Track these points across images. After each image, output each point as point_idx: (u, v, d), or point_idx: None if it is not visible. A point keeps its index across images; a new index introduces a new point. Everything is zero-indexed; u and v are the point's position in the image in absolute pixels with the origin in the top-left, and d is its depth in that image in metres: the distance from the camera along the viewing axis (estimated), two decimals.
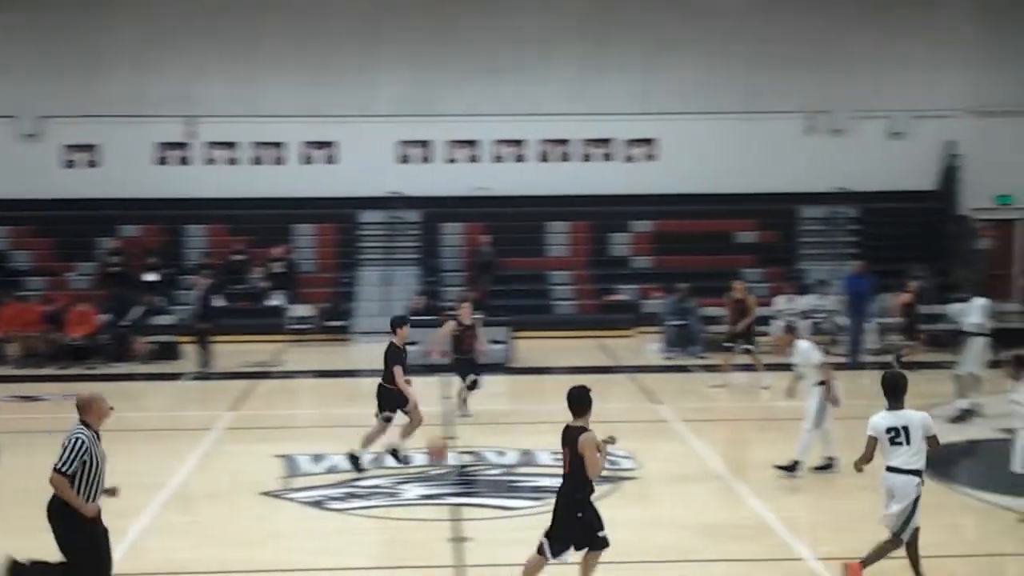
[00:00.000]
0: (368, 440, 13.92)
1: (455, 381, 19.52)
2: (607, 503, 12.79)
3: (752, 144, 27.59)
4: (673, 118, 27.77)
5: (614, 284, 26.20)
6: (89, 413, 8.69)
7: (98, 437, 8.72)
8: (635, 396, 18.83)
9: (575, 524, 9.35)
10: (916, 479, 9.82)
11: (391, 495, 13.04)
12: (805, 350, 13.68)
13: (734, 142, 27.65)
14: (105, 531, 8.80)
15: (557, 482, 13.46)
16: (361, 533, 11.88)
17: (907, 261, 24.98)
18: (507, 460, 14.60)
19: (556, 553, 9.36)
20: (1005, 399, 12.23)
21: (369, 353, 22.73)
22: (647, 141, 28.14)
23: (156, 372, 21.22)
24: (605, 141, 28.13)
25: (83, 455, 8.44)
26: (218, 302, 23.26)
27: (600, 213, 27.40)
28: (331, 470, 13.98)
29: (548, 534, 9.44)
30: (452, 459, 14.57)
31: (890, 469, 9.92)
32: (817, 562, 10.78)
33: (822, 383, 13.44)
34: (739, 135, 27.70)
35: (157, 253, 25.93)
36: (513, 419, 17.22)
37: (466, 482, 13.62)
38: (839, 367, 19.95)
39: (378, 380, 14.03)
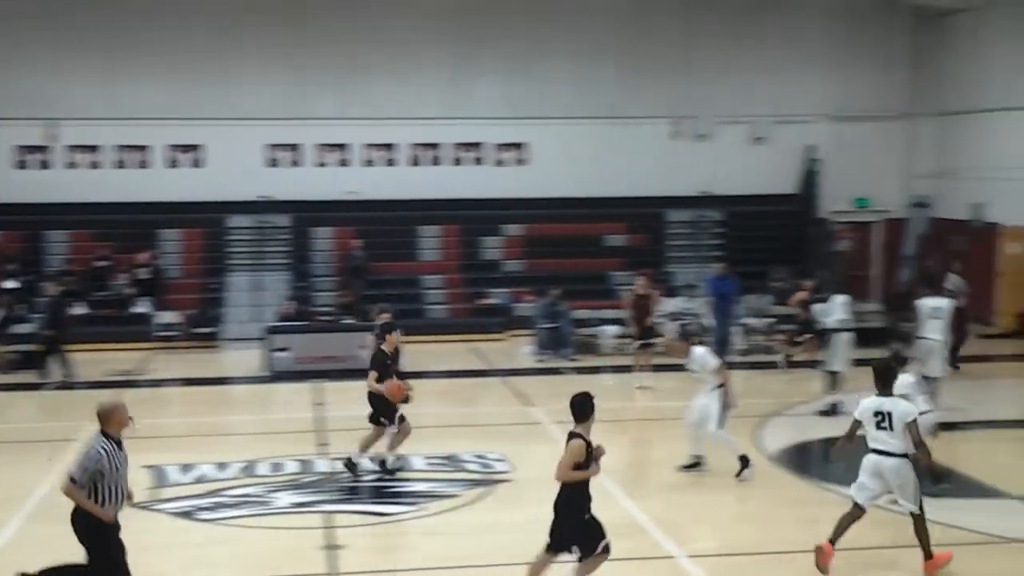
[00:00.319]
0: (365, 445, 13.86)
1: (330, 387, 19.43)
2: (481, 507, 12.90)
3: (620, 149, 27.95)
4: (543, 122, 27.97)
5: (486, 288, 26.27)
6: (110, 423, 8.81)
7: (120, 445, 8.82)
8: (508, 399, 18.94)
9: (581, 525, 9.47)
10: (895, 461, 10.39)
11: (262, 504, 12.90)
12: (701, 355, 13.92)
13: (603, 147, 27.97)
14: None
15: (432, 487, 13.55)
16: (232, 543, 11.72)
17: (770, 263, 25.65)
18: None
19: (556, 551, 9.51)
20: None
21: (239, 360, 22.47)
22: (517, 145, 28.29)
23: (17, 383, 20.58)
24: (475, 145, 28.22)
25: (97, 466, 8.56)
26: (75, 310, 22.68)
27: (471, 217, 27.48)
28: (200, 480, 13.77)
29: (551, 542, 9.56)
30: (324, 466, 14.48)
31: (878, 452, 10.48)
32: (688, 559, 11.00)
33: (720, 386, 13.72)
34: (607, 140, 28.03)
35: (16, 260, 25.15)
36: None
37: (339, 489, 13.54)
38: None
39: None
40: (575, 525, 9.47)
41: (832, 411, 17.14)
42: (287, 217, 27.00)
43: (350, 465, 13.80)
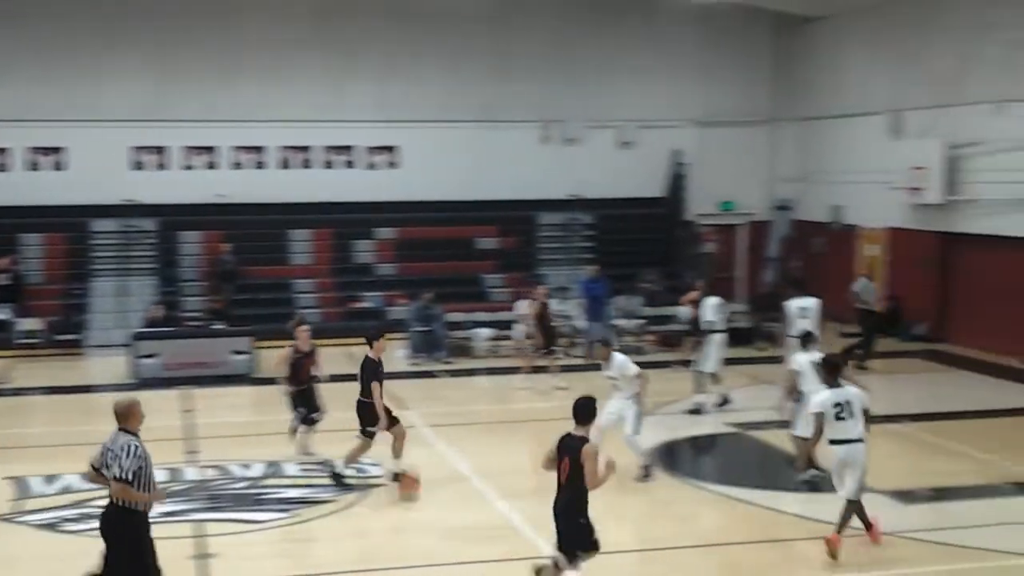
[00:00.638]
0: (351, 457, 13.60)
1: (199, 393, 19.12)
2: (355, 512, 12.85)
3: (492, 152, 28.09)
4: (414, 126, 27.95)
5: (358, 291, 26.12)
6: (130, 419, 8.90)
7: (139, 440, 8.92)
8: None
9: (580, 529, 9.37)
10: (863, 445, 10.90)
11: None
12: (622, 362, 14.00)
13: (474, 150, 28.07)
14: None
15: (304, 493, 13.45)
16: (99, 555, 11.46)
17: (639, 265, 26.03)
18: (252, 473, 14.39)
19: (573, 562, 9.36)
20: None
21: (104, 367, 21.94)
22: (389, 148, 28.22)
23: None
24: (347, 148, 28.05)
25: (140, 462, 8.70)
26: None
27: (343, 220, 27.29)
28: (65, 490, 13.43)
29: (560, 548, 9.45)
30: (194, 474, 14.27)
31: (837, 442, 10.96)
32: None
33: (637, 393, 13.87)
34: (479, 143, 28.14)
35: None
36: (258, 430, 16.93)
37: (210, 497, 13.35)
38: (579, 368, 20.78)
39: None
40: (578, 527, 9.43)
41: (701, 411, 17.52)
42: (153, 221, 26.44)
43: (335, 477, 13.63)
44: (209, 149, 27.32)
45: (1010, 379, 20.26)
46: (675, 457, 15.54)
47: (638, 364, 14.09)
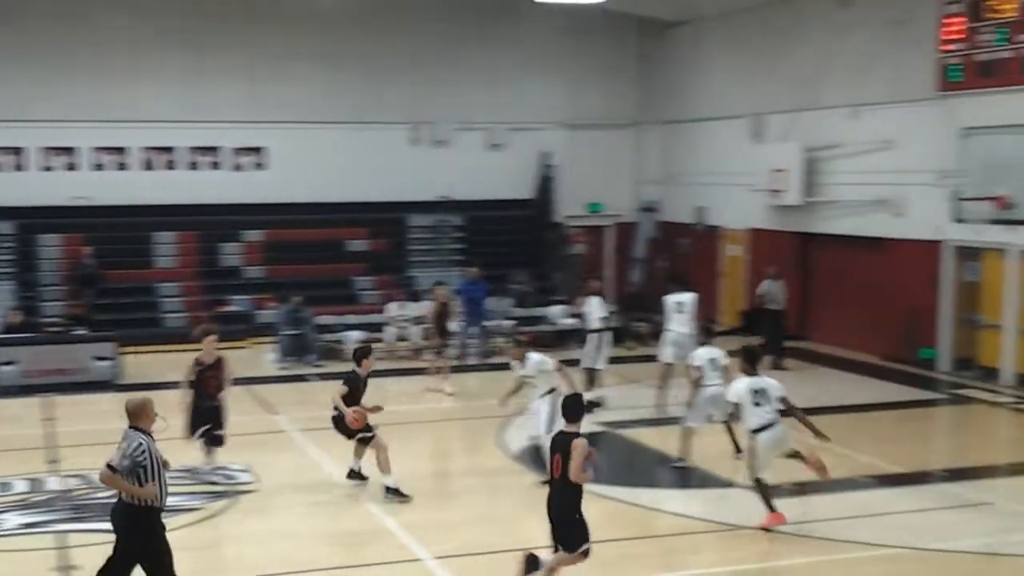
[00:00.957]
0: (384, 465, 13.17)
1: (61, 401, 18.63)
2: (224, 519, 12.68)
3: (361, 154, 27.92)
4: (283, 126, 27.64)
5: (226, 295, 25.72)
6: (142, 418, 8.95)
7: (151, 439, 8.96)
8: (251, 408, 18.62)
9: (575, 524, 9.52)
10: (782, 425, 11.61)
11: None
12: (538, 361, 13.96)
13: (344, 152, 27.87)
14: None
15: (171, 501, 13.16)
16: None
17: (509, 266, 26.18)
18: None
19: (574, 550, 9.54)
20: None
21: None
22: (256, 149, 27.85)
23: None
24: (213, 149, 27.59)
25: (139, 456, 8.70)
26: None
27: (209, 223, 26.81)
28: None
29: (558, 544, 9.62)
30: (56, 484, 13.90)
31: (760, 429, 11.56)
32: (434, 561, 11.16)
33: (551, 391, 13.86)
34: (348, 145, 27.94)
35: None
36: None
37: (73, 507, 13.01)
38: (456, 369, 20.88)
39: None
40: (572, 523, 9.58)
41: (589, 408, 17.66)
42: (11, 224, 25.65)
43: (391, 491, 13.24)
44: (68, 150, 26.61)
45: (867, 375, 20.94)
46: (542, 456, 15.65)
47: (508, 366, 14.20)
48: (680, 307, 17.67)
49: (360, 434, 13.33)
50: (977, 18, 20.04)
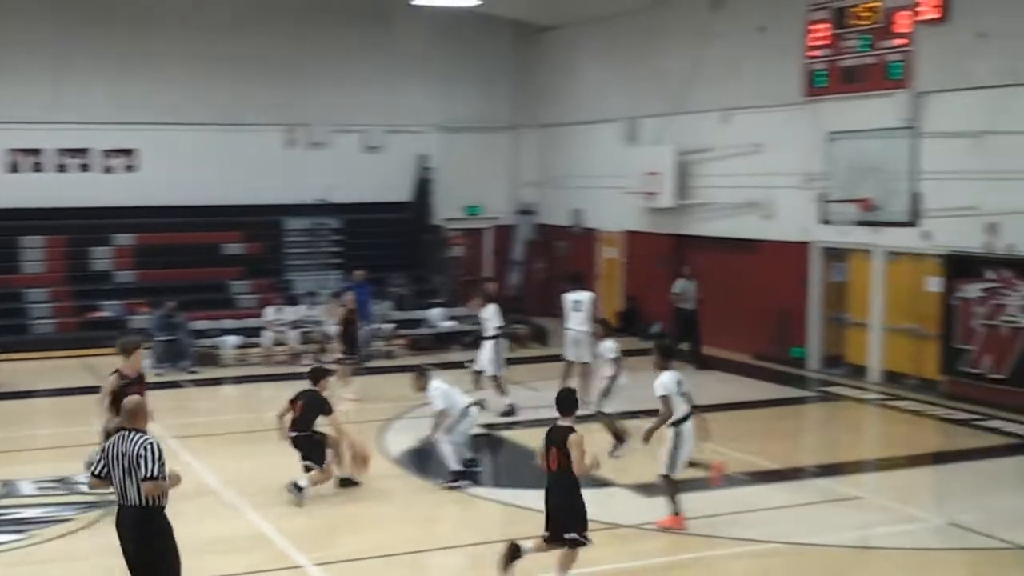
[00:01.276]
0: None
1: None
2: (98, 529, 12.37)
3: (235, 156, 27.53)
4: (153, 128, 27.10)
5: (97, 300, 25.15)
6: (138, 418, 8.86)
7: None
8: None
9: (576, 513, 9.98)
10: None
11: None
12: (444, 393, 13.74)
13: (218, 154, 27.45)
14: None
15: (43, 512, 12.89)
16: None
17: (387, 269, 26.11)
18: None
19: (583, 533, 10.00)
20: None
21: None
22: (127, 151, 27.27)
23: None
24: (82, 151, 26.94)
25: (161, 453, 8.62)
26: None
27: (78, 226, 26.18)
28: None
29: (554, 535, 9.99)
30: None
31: (679, 422, 11.87)
32: (315, 567, 11.09)
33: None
34: (222, 147, 27.54)
35: None
36: None
37: None
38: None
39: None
40: (574, 511, 10.01)
41: (512, 411, 17.81)
42: None
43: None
44: None
45: (741, 374, 21.40)
46: (422, 460, 15.66)
47: (389, 369, 14.17)
48: (577, 305, 17.99)
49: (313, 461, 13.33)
50: (841, 25, 20.65)
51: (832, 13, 20.84)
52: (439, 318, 24.76)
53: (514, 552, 10.18)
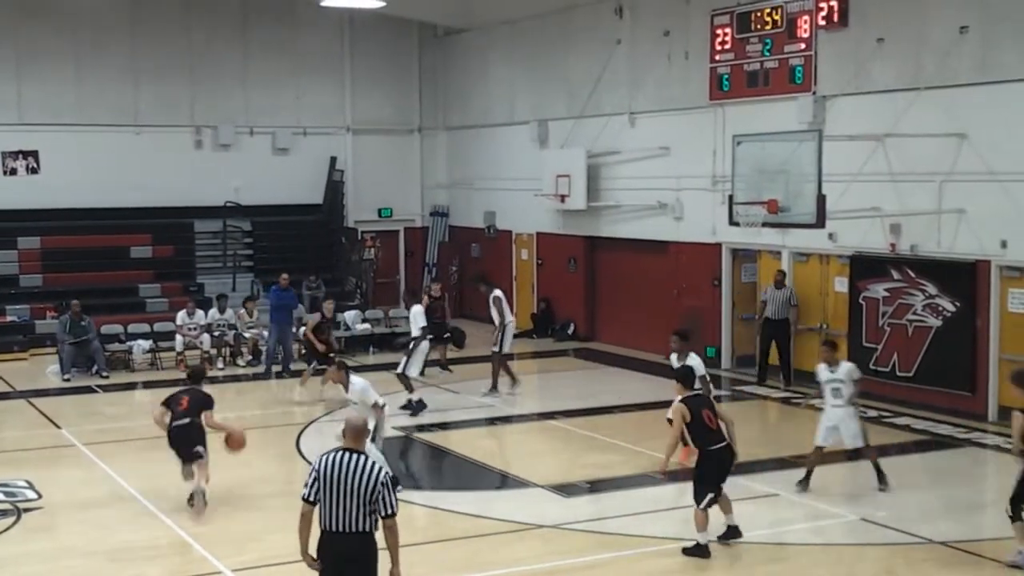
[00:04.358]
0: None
1: None
2: (7, 538, 12.18)
3: (144, 158, 27.10)
4: (55, 129, 26.55)
5: (2, 304, 24.60)
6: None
7: None
8: (35, 422, 17.96)
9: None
10: None
11: None
12: (362, 388, 13.45)
13: (124, 156, 26.96)
14: None
15: None
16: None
17: (300, 272, 25.89)
18: None
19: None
20: (824, 380, 13.59)
21: None
22: (29, 153, 26.70)
23: None
24: None
25: None
26: None
27: None
28: None
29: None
30: None
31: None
32: (232, 573, 11.04)
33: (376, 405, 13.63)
34: (129, 149, 27.07)
35: None
36: None
37: None
38: (257, 376, 20.68)
39: None
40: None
41: (416, 408, 17.94)
42: None
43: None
44: None
45: (652, 373, 21.65)
46: None
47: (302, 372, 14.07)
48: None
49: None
50: (744, 29, 21.04)
51: (735, 18, 21.21)
52: (353, 321, 24.66)
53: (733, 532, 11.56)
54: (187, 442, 13.03)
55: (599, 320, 25.58)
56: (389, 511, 7.99)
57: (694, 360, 14.37)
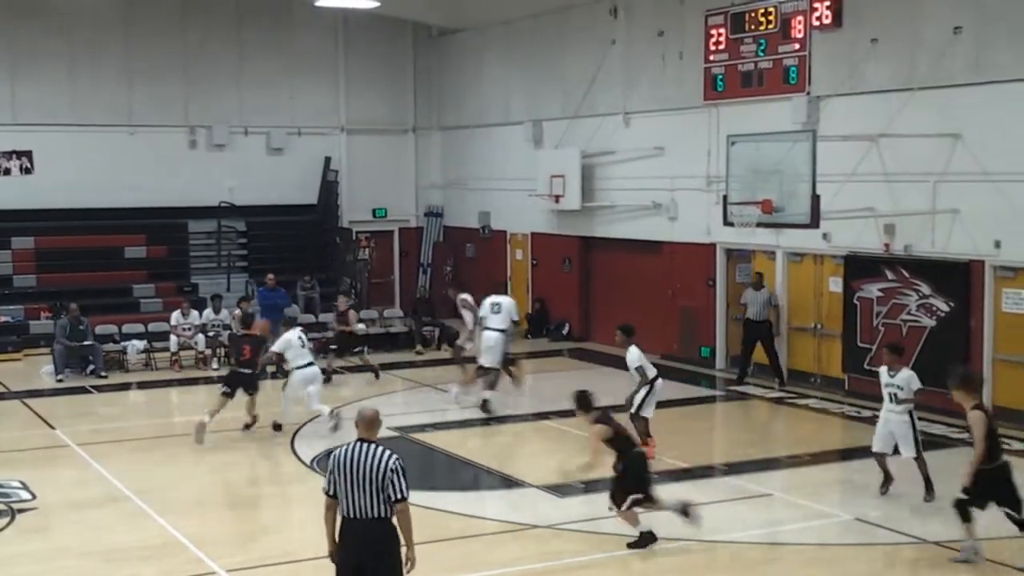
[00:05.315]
0: None
1: None
2: (2, 537, 12.17)
3: (138, 158, 27.06)
4: (48, 129, 26.51)
5: None
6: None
7: None
8: (30, 422, 17.94)
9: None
10: None
11: None
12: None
13: (118, 155, 26.92)
14: None
15: None
16: None
17: (294, 272, 25.91)
18: None
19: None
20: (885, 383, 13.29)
21: None
22: (23, 153, 26.66)
23: None
24: None
25: None
26: None
27: None
28: None
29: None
30: None
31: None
32: (228, 573, 11.03)
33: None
34: (123, 148, 27.04)
35: None
36: None
37: None
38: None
39: None
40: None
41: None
42: None
43: None
44: None
45: None
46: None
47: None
48: (496, 308, 18.52)
49: None
50: (739, 30, 21.06)
51: (729, 19, 21.23)
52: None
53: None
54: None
55: (594, 320, 25.59)
56: (399, 495, 8.32)
57: (631, 354, 14.88)
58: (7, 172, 26.44)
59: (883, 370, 13.48)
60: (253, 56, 28.30)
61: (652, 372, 15.08)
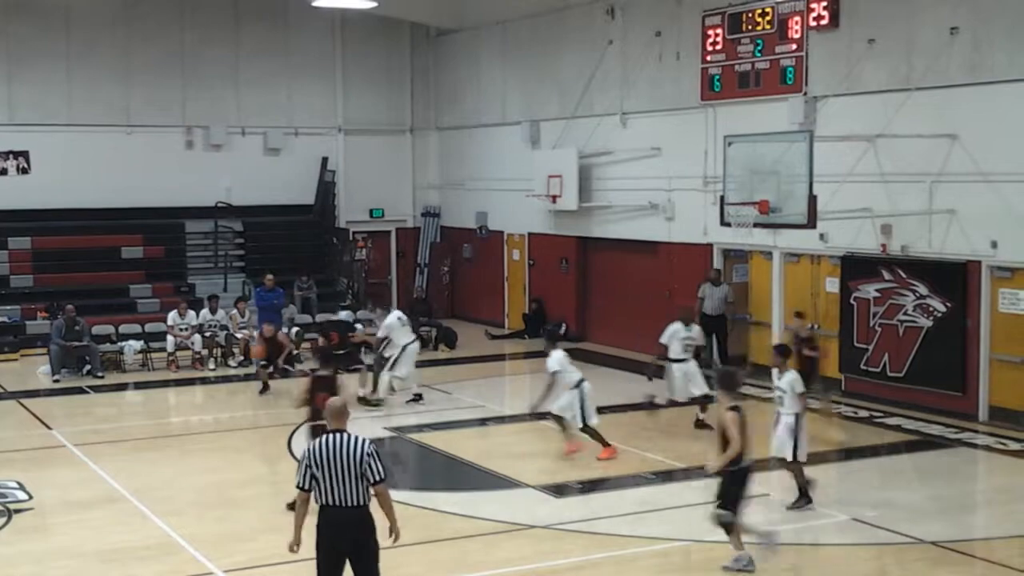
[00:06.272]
0: None
1: None
2: (1, 538, 12.16)
3: (135, 158, 27.05)
4: (45, 129, 26.50)
5: None
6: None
7: None
8: (26, 423, 17.93)
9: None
10: None
11: None
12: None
13: (115, 156, 26.92)
14: None
15: None
16: None
17: (292, 272, 25.89)
18: None
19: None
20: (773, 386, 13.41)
21: None
22: (20, 153, 26.64)
23: None
24: None
25: None
26: None
27: None
28: None
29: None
30: None
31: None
32: (225, 573, 11.03)
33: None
34: (120, 148, 27.02)
35: None
36: None
37: None
38: (249, 377, 20.59)
39: None
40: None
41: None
42: None
43: None
44: None
45: (643, 374, 21.60)
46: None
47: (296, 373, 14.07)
48: None
49: None
50: (736, 30, 21.07)
51: (727, 19, 21.24)
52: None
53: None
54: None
55: (590, 320, 25.59)
56: (377, 477, 8.54)
57: (551, 358, 15.06)
58: (4, 172, 26.42)
59: (774, 372, 13.47)
60: (250, 56, 28.29)
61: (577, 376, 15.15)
